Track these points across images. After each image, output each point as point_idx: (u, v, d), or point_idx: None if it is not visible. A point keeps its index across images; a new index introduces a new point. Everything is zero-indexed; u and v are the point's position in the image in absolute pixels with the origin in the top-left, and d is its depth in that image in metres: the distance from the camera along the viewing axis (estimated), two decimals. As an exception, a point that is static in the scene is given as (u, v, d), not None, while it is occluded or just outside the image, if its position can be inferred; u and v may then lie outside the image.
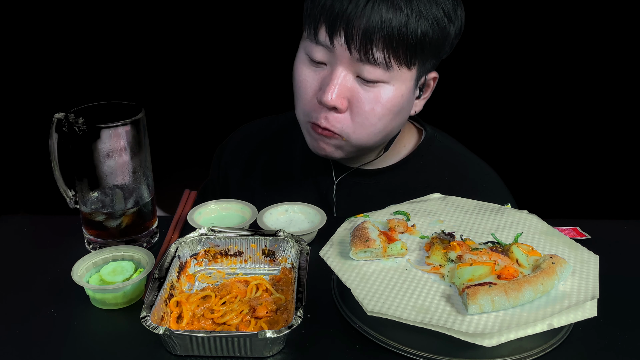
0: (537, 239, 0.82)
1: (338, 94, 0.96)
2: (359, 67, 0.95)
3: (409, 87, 0.99)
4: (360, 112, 0.98)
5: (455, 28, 0.99)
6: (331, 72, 0.97)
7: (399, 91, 0.98)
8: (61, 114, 0.87)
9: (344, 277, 0.74)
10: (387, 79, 0.96)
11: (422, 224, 0.87)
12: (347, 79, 0.96)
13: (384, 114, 0.99)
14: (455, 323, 0.65)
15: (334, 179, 1.15)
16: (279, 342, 0.70)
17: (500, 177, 1.18)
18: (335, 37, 0.94)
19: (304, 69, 1.01)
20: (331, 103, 0.96)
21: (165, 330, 0.66)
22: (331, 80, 0.96)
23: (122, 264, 0.84)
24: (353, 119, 0.99)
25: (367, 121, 0.99)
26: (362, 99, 0.97)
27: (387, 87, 0.97)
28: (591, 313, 0.69)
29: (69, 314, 0.78)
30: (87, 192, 0.90)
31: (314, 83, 1.00)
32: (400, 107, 1.00)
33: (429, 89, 1.08)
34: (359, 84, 0.97)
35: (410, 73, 0.98)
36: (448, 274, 0.73)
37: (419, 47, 0.94)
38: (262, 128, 1.30)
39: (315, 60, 0.98)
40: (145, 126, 0.92)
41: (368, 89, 0.97)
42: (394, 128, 1.05)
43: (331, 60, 0.97)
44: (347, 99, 0.98)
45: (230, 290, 0.78)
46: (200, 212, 0.98)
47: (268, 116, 1.34)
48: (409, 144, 1.17)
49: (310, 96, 1.01)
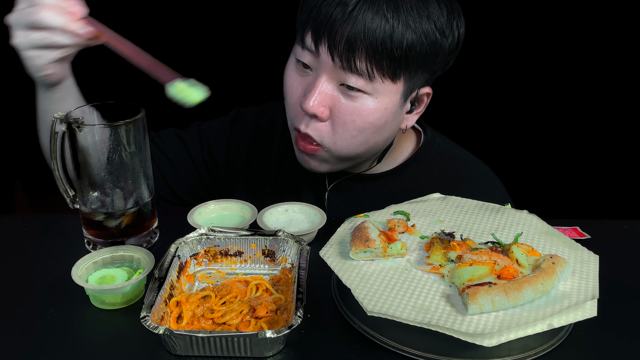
0: (537, 239, 0.82)
1: (319, 101, 0.95)
2: (342, 75, 0.93)
3: (394, 101, 0.97)
4: (340, 122, 0.97)
5: (449, 43, 0.96)
6: (315, 78, 0.96)
7: (381, 104, 0.96)
8: (61, 113, 0.87)
9: (344, 277, 0.74)
10: (370, 91, 0.94)
11: (422, 224, 0.86)
12: (329, 87, 0.95)
13: (364, 126, 0.97)
14: (455, 323, 0.65)
15: (327, 185, 1.15)
16: (279, 342, 0.70)
17: (500, 181, 1.18)
18: (319, 43, 0.93)
19: (292, 74, 1.01)
20: (311, 110, 0.95)
21: (165, 330, 0.66)
22: (313, 87, 0.95)
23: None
24: (334, 129, 0.98)
25: (347, 132, 0.97)
26: (343, 109, 0.96)
27: (370, 99, 0.95)
28: (591, 313, 0.69)
29: (69, 314, 0.78)
30: (87, 192, 0.90)
31: (299, 89, 0.99)
32: (383, 121, 0.98)
33: (422, 105, 1.05)
34: (341, 93, 0.96)
35: (395, 86, 0.95)
36: (448, 274, 0.73)
37: (403, 60, 0.92)
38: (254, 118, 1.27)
39: (302, 64, 0.98)
40: (145, 126, 0.92)
41: (350, 99, 0.95)
42: (378, 142, 1.02)
43: (316, 66, 0.96)
44: (328, 107, 0.96)
45: (230, 290, 0.78)
46: (200, 212, 0.98)
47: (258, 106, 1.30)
48: (407, 149, 1.16)
49: (295, 101, 1.00)
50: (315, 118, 0.98)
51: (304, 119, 0.99)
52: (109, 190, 0.90)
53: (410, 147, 1.17)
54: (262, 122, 1.26)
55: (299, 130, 1.00)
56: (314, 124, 0.98)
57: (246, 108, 1.29)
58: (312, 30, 0.93)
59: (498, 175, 1.19)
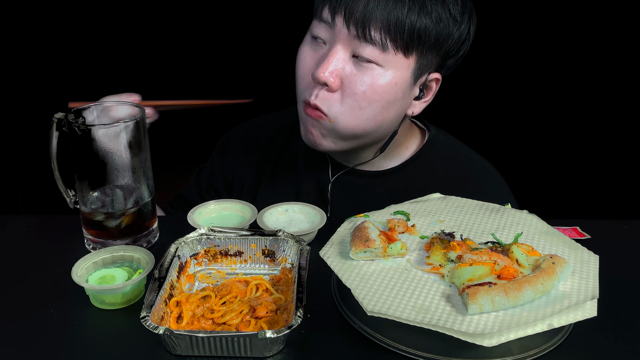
0: (537, 239, 0.82)
1: (331, 71, 0.97)
2: (355, 44, 0.96)
3: (405, 77, 0.99)
4: (350, 93, 0.98)
5: (459, 32, 0.99)
6: (329, 49, 0.99)
7: (392, 78, 0.98)
8: (61, 114, 0.87)
9: (344, 277, 0.74)
10: (382, 62, 0.96)
11: (422, 224, 0.87)
12: (343, 57, 0.98)
13: (374, 98, 0.98)
14: (455, 323, 0.65)
15: (330, 177, 1.16)
16: (279, 342, 0.70)
17: (504, 179, 1.18)
18: (336, 14, 0.96)
19: (306, 49, 1.04)
20: (322, 78, 0.97)
21: (165, 330, 0.66)
22: (327, 56, 0.98)
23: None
24: (343, 100, 0.99)
25: (356, 104, 0.99)
26: (355, 79, 0.98)
27: (381, 70, 0.97)
28: (591, 313, 0.69)
29: (69, 314, 0.78)
30: (87, 192, 0.90)
31: (311, 61, 1.02)
32: (392, 96, 0.99)
33: (431, 92, 1.06)
34: (354, 65, 0.98)
35: (407, 61, 0.98)
36: (448, 274, 0.73)
37: (416, 38, 0.95)
38: (263, 126, 1.30)
39: (317, 38, 1.00)
40: (145, 126, 0.92)
41: (362, 70, 0.97)
42: (385, 121, 1.03)
43: (331, 39, 0.99)
44: (339, 77, 0.98)
45: (230, 290, 0.78)
46: (200, 212, 0.98)
47: (269, 114, 1.34)
48: (412, 146, 1.17)
49: (306, 74, 1.02)
50: (325, 88, 0.99)
51: (314, 90, 1.00)
52: (109, 190, 0.90)
53: (415, 144, 1.18)
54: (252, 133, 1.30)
55: (308, 102, 1.02)
56: (324, 93, 1.00)
57: (232, 130, 1.34)
58: (330, 3, 0.97)
59: (502, 176, 1.19)
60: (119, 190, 0.91)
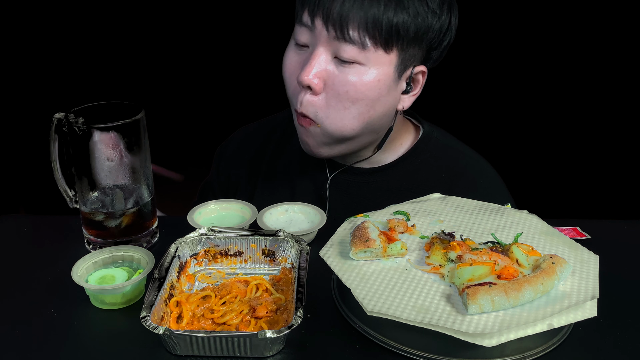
0: (537, 239, 0.82)
1: (315, 73, 0.97)
2: (336, 45, 0.96)
3: (388, 73, 0.99)
4: (334, 94, 0.98)
5: (439, 23, 0.99)
6: (311, 52, 0.99)
7: (375, 75, 0.97)
8: (61, 114, 0.87)
9: (344, 277, 0.74)
10: (363, 61, 0.96)
11: (422, 224, 0.86)
12: (325, 59, 0.98)
13: (357, 97, 0.98)
14: (455, 323, 0.65)
15: (328, 176, 1.16)
16: (279, 342, 0.70)
17: (498, 174, 1.18)
18: (315, 17, 0.96)
19: (290, 54, 1.04)
20: (306, 81, 0.97)
21: (165, 330, 0.66)
22: (310, 59, 0.98)
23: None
24: (327, 102, 0.99)
25: (340, 104, 0.99)
26: (337, 80, 0.98)
27: (363, 69, 0.97)
28: (591, 313, 0.69)
29: (69, 314, 0.78)
30: (87, 192, 0.90)
31: (296, 66, 1.02)
32: (376, 93, 0.99)
33: (418, 85, 1.06)
34: (336, 66, 0.98)
35: (388, 57, 0.97)
36: (448, 274, 0.73)
37: (394, 34, 0.95)
38: (260, 128, 1.31)
39: (300, 44, 1.01)
40: (145, 126, 0.92)
41: (344, 71, 0.97)
42: (373, 119, 1.03)
43: (313, 42, 0.99)
44: (322, 80, 0.98)
45: (230, 290, 0.78)
46: (200, 212, 0.98)
47: (265, 117, 1.35)
48: (406, 142, 1.17)
49: (292, 79, 1.03)
50: (310, 92, 0.99)
51: (299, 96, 1.01)
52: (109, 190, 0.90)
53: (409, 140, 1.18)
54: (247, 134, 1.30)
55: (296, 111, 1.03)
56: (309, 98, 1.00)
57: (228, 138, 1.34)
58: (309, 7, 0.97)
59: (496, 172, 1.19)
60: (119, 190, 0.91)
